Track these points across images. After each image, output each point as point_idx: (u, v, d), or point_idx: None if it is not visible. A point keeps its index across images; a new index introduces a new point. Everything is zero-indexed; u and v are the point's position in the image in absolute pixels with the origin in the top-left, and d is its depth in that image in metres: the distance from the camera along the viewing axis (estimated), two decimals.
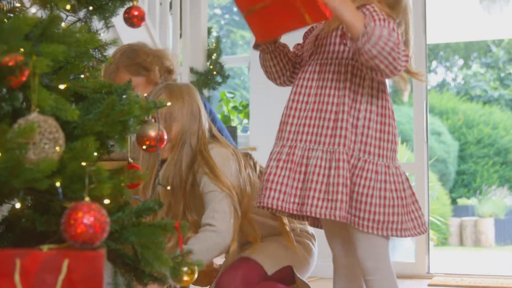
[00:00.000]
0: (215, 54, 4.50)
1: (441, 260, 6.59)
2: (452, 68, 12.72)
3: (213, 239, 1.95)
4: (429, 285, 4.07)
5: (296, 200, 1.77)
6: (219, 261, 2.39)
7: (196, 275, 1.57)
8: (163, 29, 4.10)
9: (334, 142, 1.75)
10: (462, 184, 10.69)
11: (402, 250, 5.67)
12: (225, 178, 2.00)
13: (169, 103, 1.84)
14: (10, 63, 1.20)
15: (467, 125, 10.96)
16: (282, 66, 1.96)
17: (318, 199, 1.73)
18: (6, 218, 1.53)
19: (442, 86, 12.33)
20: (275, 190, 1.78)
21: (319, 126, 1.79)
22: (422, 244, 4.39)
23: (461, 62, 12.63)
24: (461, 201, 10.15)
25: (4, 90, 1.26)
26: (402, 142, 8.61)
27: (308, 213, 1.73)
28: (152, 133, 1.58)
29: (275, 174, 1.80)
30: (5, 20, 1.24)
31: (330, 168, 1.74)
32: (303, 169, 1.78)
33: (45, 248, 1.24)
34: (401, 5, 1.84)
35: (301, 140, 1.80)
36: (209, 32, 4.75)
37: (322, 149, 1.76)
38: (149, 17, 3.86)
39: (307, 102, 1.83)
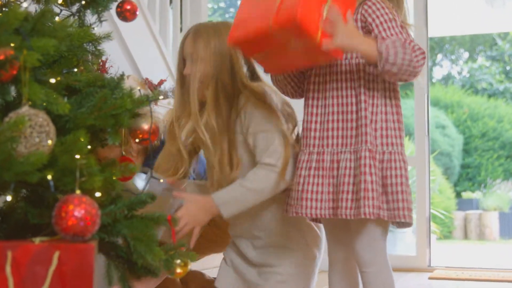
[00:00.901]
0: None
1: (444, 253, 6.59)
2: (458, 61, 12.68)
3: (274, 179, 1.91)
4: (429, 278, 4.08)
5: (331, 205, 1.78)
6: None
7: (189, 268, 1.59)
8: (163, 23, 4.09)
9: (357, 141, 1.77)
10: (467, 177, 10.67)
11: (403, 243, 5.67)
12: (277, 118, 1.95)
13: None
14: (0, 58, 1.22)
15: (472, 119, 10.92)
16: (296, 82, 1.96)
17: (348, 200, 1.74)
18: (1, 210, 1.54)
19: (447, 79, 12.30)
20: (310, 199, 1.80)
21: (343, 128, 1.80)
22: (423, 237, 4.39)
23: (466, 55, 12.59)
24: (466, 195, 10.14)
25: None
26: (406, 135, 8.59)
27: (341, 216, 1.74)
28: (145, 126, 1.59)
29: (308, 183, 1.81)
30: None
31: (355, 168, 1.75)
32: (334, 173, 1.79)
33: (37, 240, 1.26)
34: None
35: (327, 145, 1.81)
36: None
37: (350, 151, 1.77)
38: (149, 10, 3.86)
39: (325, 106, 1.83)
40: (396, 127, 1.79)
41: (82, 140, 1.34)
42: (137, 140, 1.59)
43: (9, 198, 1.28)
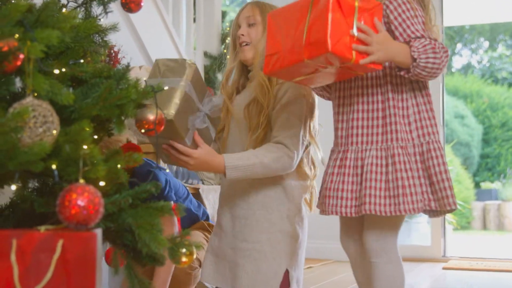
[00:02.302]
0: (229, 38, 4.50)
1: (462, 244, 6.56)
2: (477, 51, 12.54)
3: (288, 164, 1.95)
4: (443, 268, 4.07)
5: (354, 203, 1.78)
6: None
7: (194, 256, 1.60)
8: (176, 13, 4.11)
9: (387, 138, 1.76)
10: (486, 167, 10.58)
11: (417, 233, 5.66)
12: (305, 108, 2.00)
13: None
14: (4, 49, 1.23)
15: (491, 108, 10.82)
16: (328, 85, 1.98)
17: (380, 197, 1.74)
18: (12, 201, 1.57)
19: (467, 68, 12.18)
20: (335, 197, 1.81)
21: (369, 126, 1.79)
22: (438, 227, 4.37)
23: (486, 44, 12.45)
24: (485, 185, 10.07)
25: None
26: None
27: (368, 211, 1.73)
28: (151, 116, 1.60)
29: (331, 182, 1.83)
30: None
31: (387, 165, 1.75)
32: (358, 171, 1.78)
33: (42, 228, 1.28)
34: None
35: (352, 143, 1.81)
36: (223, 15, 4.75)
37: (376, 148, 1.77)
38: (162, 1, 3.87)
39: (351, 104, 1.83)
40: (430, 116, 1.79)
41: (87, 130, 1.36)
42: (143, 131, 1.61)
43: (13, 187, 1.30)
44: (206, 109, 1.89)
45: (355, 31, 1.63)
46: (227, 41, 4.56)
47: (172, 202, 2.31)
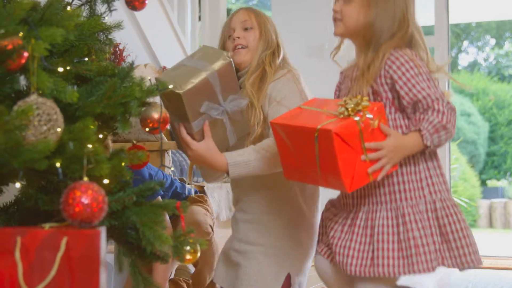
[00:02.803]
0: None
1: None
2: (484, 48, 12.49)
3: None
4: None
5: (368, 263, 1.73)
6: None
7: (198, 254, 1.61)
8: (182, 11, 4.11)
9: (395, 198, 1.72)
10: (492, 165, 10.55)
11: None
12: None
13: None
14: (8, 47, 1.24)
15: (498, 106, 10.78)
16: None
17: (393, 258, 1.70)
18: (17, 199, 1.58)
19: (473, 66, 12.14)
20: (342, 254, 1.76)
21: (376, 187, 1.74)
22: None
23: (493, 41, 12.40)
24: (491, 183, 10.03)
25: (4, 73, 1.29)
26: None
27: (382, 274, 1.70)
28: (155, 115, 1.61)
29: (339, 238, 1.78)
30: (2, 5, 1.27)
31: (398, 225, 1.70)
32: (369, 231, 1.74)
33: (46, 226, 1.28)
34: (415, 38, 1.79)
35: (364, 204, 1.77)
36: (229, 14, 4.75)
37: (386, 208, 1.73)
38: None
39: None
40: (439, 173, 1.76)
41: (91, 127, 1.36)
42: (147, 129, 1.61)
43: (18, 185, 1.31)
44: (227, 105, 1.89)
45: (365, 157, 1.62)
46: None
47: (160, 197, 2.32)
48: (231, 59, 1.87)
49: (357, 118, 1.60)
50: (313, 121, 1.64)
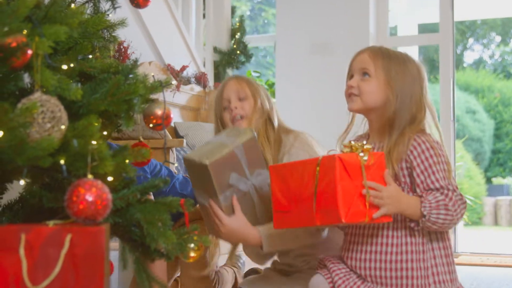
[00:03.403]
0: (238, 34, 4.51)
1: (473, 239, 6.53)
2: (489, 45, 12.45)
3: (318, 234, 1.95)
4: None
5: None
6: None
7: (202, 251, 1.61)
8: (186, 9, 4.11)
9: (401, 284, 1.69)
10: (498, 163, 10.52)
11: None
12: None
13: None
14: (12, 45, 1.24)
15: (503, 103, 10.75)
16: None
17: None
18: (21, 196, 1.58)
19: (478, 63, 12.10)
20: None
21: (382, 269, 1.72)
22: None
23: (498, 39, 12.36)
24: (496, 180, 10.01)
25: (8, 70, 1.29)
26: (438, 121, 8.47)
27: None
28: (159, 111, 1.61)
29: None
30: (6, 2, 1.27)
31: None
32: None
33: (51, 223, 1.28)
34: (428, 121, 1.77)
35: (368, 281, 1.73)
36: (233, 11, 4.76)
37: None
38: None
39: (362, 243, 1.76)
40: (445, 262, 1.72)
41: (95, 125, 1.36)
42: (151, 126, 1.61)
43: (22, 182, 1.31)
44: (254, 179, 1.90)
45: (366, 191, 1.60)
46: (236, 36, 4.56)
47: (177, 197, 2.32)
48: (255, 134, 1.89)
49: (361, 154, 1.60)
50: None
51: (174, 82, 1.66)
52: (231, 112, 2.05)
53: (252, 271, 2.41)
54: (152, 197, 1.91)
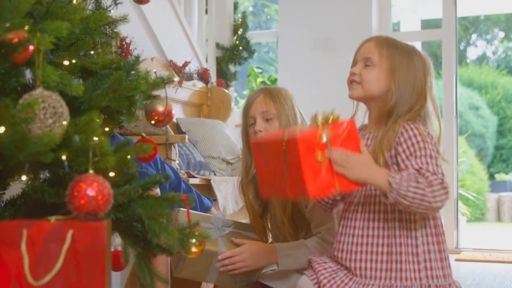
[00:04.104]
0: (241, 29, 4.51)
1: (476, 235, 6.53)
2: (493, 41, 12.43)
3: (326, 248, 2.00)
4: (456, 260, 4.06)
5: None
6: None
7: (204, 247, 1.61)
8: (188, 5, 4.11)
9: (390, 276, 1.67)
10: (501, 159, 10.51)
11: None
12: None
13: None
14: (14, 40, 1.24)
15: (506, 99, 10.74)
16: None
17: None
18: (24, 192, 1.59)
19: (481, 59, 12.08)
20: None
21: (372, 260, 1.70)
22: (451, 219, 4.36)
23: (501, 34, 12.33)
24: (499, 177, 10.00)
25: (9, 66, 1.29)
26: (441, 117, 8.46)
27: None
28: (160, 108, 1.61)
29: None
30: None
31: None
32: None
33: (52, 219, 1.29)
34: (430, 110, 1.76)
35: (356, 275, 1.71)
36: (236, 7, 4.75)
37: (379, 284, 1.68)
38: None
39: (353, 235, 1.75)
40: (438, 257, 1.69)
41: (97, 121, 1.36)
42: (152, 122, 1.61)
43: (24, 178, 1.31)
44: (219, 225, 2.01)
45: (329, 152, 1.59)
46: (239, 32, 4.56)
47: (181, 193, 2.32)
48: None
49: (325, 130, 1.60)
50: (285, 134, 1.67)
51: (176, 78, 1.65)
52: (255, 133, 2.06)
53: None
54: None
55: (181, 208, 2.00)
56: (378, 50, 1.77)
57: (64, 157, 1.31)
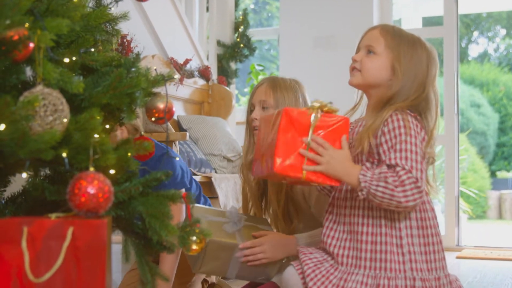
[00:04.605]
0: (242, 27, 4.50)
1: (477, 233, 6.53)
2: (494, 39, 12.41)
3: None
4: (457, 257, 4.06)
5: None
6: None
7: (204, 244, 1.61)
8: (189, 2, 4.11)
9: (375, 266, 1.66)
10: (502, 156, 10.50)
11: None
12: None
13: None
14: (14, 38, 1.24)
15: (508, 97, 10.72)
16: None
17: None
18: (24, 189, 1.59)
19: (483, 57, 12.06)
20: None
21: (357, 249, 1.69)
22: (452, 216, 4.36)
23: (503, 32, 12.31)
24: (501, 174, 9.99)
25: (10, 63, 1.29)
26: (442, 115, 8.47)
27: None
28: (161, 105, 1.61)
29: (311, 280, 1.71)
30: None
31: None
32: None
33: (53, 216, 1.29)
34: (428, 102, 1.73)
35: (341, 263, 1.71)
36: (236, 4, 4.75)
37: (363, 274, 1.67)
38: None
39: (340, 223, 1.75)
40: (423, 251, 1.68)
41: (97, 118, 1.36)
42: (153, 119, 1.61)
43: (24, 175, 1.32)
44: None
45: (308, 139, 1.61)
46: (240, 29, 4.56)
47: (183, 190, 2.33)
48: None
49: (313, 114, 1.61)
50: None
51: (177, 75, 1.65)
52: (252, 121, 2.09)
53: None
54: None
55: (196, 204, 2.01)
56: (383, 38, 1.76)
57: (64, 155, 1.31)
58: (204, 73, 4.05)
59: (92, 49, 1.57)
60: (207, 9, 4.45)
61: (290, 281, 1.77)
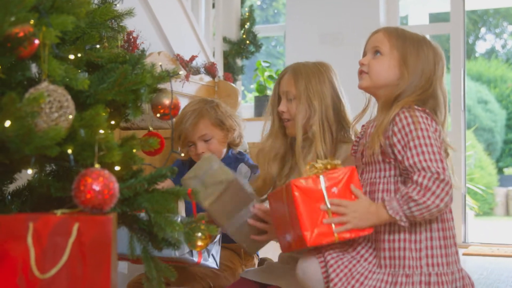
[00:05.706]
0: (248, 23, 4.50)
1: (484, 230, 6.51)
2: (502, 35, 12.35)
3: None
4: (463, 254, 4.05)
5: None
6: None
7: (209, 241, 1.61)
8: None
9: (395, 264, 1.67)
10: (509, 153, 10.46)
11: None
12: None
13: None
14: (19, 35, 1.25)
15: None
16: None
17: None
18: (29, 184, 1.59)
19: (490, 53, 12.01)
20: None
21: (381, 249, 1.69)
22: (459, 213, 4.35)
23: (511, 28, 12.26)
24: (508, 171, 9.96)
25: (15, 60, 1.30)
26: (448, 111, 8.43)
27: None
28: (166, 101, 1.61)
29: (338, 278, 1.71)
30: None
31: None
32: None
33: (58, 212, 1.29)
34: (436, 99, 1.74)
35: (365, 260, 1.71)
36: (243, 1, 4.74)
37: (384, 272, 1.67)
38: None
39: None
40: (442, 244, 1.67)
41: (102, 114, 1.37)
42: (158, 115, 1.62)
43: (29, 171, 1.32)
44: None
45: (328, 205, 1.61)
46: (246, 26, 4.55)
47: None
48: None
49: (321, 177, 1.62)
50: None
51: (182, 72, 1.65)
52: (278, 112, 2.04)
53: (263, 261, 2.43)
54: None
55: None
56: (388, 39, 1.77)
57: (70, 151, 1.31)
58: (210, 70, 4.05)
59: (98, 46, 1.57)
60: (213, 5, 4.45)
61: (308, 269, 1.72)
